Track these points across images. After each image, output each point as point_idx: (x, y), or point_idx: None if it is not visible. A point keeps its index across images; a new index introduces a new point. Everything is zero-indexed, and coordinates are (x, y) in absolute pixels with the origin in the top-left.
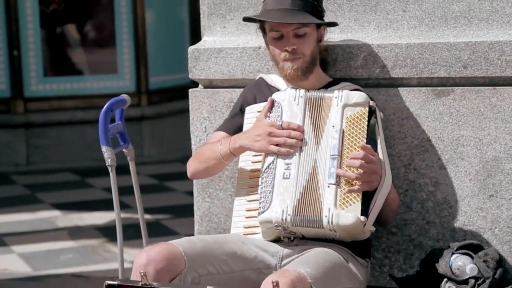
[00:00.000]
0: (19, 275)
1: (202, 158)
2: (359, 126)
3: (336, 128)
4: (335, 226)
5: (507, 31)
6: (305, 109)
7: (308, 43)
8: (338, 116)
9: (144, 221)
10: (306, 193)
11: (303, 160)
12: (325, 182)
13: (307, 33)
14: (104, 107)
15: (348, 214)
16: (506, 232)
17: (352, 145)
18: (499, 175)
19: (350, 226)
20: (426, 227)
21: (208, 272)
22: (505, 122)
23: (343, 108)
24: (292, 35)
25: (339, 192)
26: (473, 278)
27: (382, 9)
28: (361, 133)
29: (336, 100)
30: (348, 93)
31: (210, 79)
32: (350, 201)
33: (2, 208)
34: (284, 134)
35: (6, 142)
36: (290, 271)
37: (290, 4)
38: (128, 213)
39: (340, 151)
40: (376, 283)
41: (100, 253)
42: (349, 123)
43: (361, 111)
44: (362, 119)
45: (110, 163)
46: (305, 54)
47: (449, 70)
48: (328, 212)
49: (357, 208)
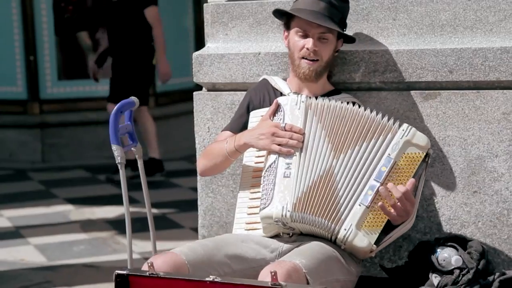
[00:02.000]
0: (35, 265)
1: (210, 156)
2: (411, 166)
3: (391, 157)
4: (348, 242)
5: (490, 38)
6: (306, 114)
7: (328, 49)
8: (397, 148)
9: (151, 215)
10: (312, 193)
11: (307, 161)
12: (355, 199)
13: (329, 39)
14: (114, 108)
15: (365, 238)
16: (489, 226)
17: (397, 179)
18: (482, 173)
19: (359, 248)
20: (414, 221)
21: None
22: (488, 123)
23: (406, 143)
24: (317, 37)
25: (368, 215)
26: (458, 268)
27: (373, 17)
28: (410, 173)
29: (402, 133)
30: (415, 132)
31: (213, 83)
32: (373, 228)
33: (19, 203)
34: (286, 135)
35: (23, 141)
36: (286, 262)
37: (323, 9)
38: (137, 207)
39: (383, 179)
40: (367, 273)
41: (110, 244)
42: (405, 159)
43: (419, 154)
44: (416, 161)
45: (120, 160)
46: (323, 58)
47: (436, 74)
48: (349, 227)
49: (374, 237)
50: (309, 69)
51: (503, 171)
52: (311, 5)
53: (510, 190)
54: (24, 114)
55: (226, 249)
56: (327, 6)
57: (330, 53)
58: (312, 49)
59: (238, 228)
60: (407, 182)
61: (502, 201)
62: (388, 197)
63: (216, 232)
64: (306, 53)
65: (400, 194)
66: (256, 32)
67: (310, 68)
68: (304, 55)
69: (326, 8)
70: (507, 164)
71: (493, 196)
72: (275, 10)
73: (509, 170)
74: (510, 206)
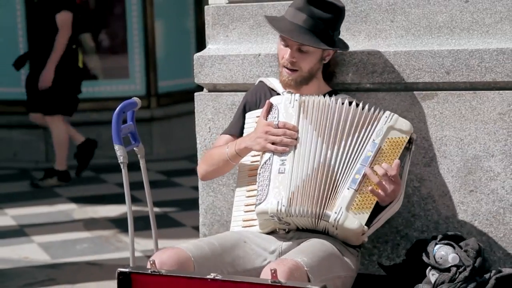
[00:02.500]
0: (39, 262)
1: (211, 161)
2: (395, 149)
3: (376, 142)
4: (339, 225)
5: (486, 40)
6: (299, 111)
7: (308, 60)
8: (381, 134)
9: (153, 214)
10: (306, 186)
11: (301, 157)
12: (345, 184)
13: (309, 51)
14: (117, 109)
15: (355, 219)
16: (485, 224)
17: (382, 163)
18: (478, 172)
19: (352, 231)
20: (412, 219)
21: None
22: (484, 124)
23: (389, 129)
24: (296, 49)
25: (356, 197)
26: (455, 266)
27: (371, 19)
28: (394, 156)
29: (385, 119)
30: (398, 118)
31: (214, 84)
32: (362, 209)
33: (23, 202)
34: (279, 132)
35: (26, 141)
36: (288, 260)
37: (302, 21)
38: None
39: (370, 164)
40: (365, 270)
41: (112, 243)
42: (389, 143)
43: (403, 138)
44: (400, 144)
45: (122, 160)
46: (302, 69)
47: (433, 75)
48: (339, 210)
49: (365, 217)
50: (288, 78)
51: (499, 170)
52: (292, 16)
53: (506, 189)
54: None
55: (230, 250)
56: (307, 18)
57: (312, 64)
58: (289, 60)
59: (235, 225)
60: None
61: (498, 200)
62: (373, 175)
63: (216, 230)
64: (285, 63)
65: (383, 171)
66: (256, 33)
67: (289, 77)
68: (284, 64)
69: (306, 21)
70: (503, 164)
71: (489, 195)
72: (266, 16)
73: (505, 170)
74: (506, 205)
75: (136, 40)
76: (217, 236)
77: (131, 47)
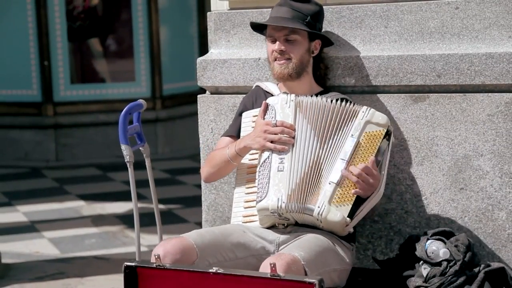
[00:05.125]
0: (49, 257)
1: (213, 163)
2: (373, 143)
3: (354, 137)
4: (322, 218)
5: (476, 45)
6: (296, 111)
7: (297, 49)
8: (359, 128)
9: (158, 210)
10: (304, 183)
11: (298, 155)
12: (328, 178)
13: (297, 40)
14: (123, 110)
15: (337, 212)
16: (474, 221)
17: (361, 157)
18: (468, 171)
19: (335, 223)
20: (405, 216)
21: (216, 260)
22: (474, 124)
23: (366, 123)
24: (283, 39)
25: (337, 191)
26: (446, 260)
27: (366, 25)
28: (372, 149)
29: (363, 114)
30: (374, 112)
31: (216, 86)
32: (343, 202)
33: (34, 199)
34: (277, 130)
35: (37, 141)
36: (285, 254)
37: (284, 12)
38: (144, 203)
39: (349, 158)
40: (360, 265)
41: (119, 238)
42: (366, 137)
43: (380, 131)
44: (378, 138)
45: (129, 159)
46: (292, 57)
47: (425, 78)
48: (322, 205)
49: (346, 209)
50: (281, 68)
51: (488, 169)
52: (275, 12)
53: (494, 187)
54: (39, 116)
55: (231, 237)
56: (288, 9)
57: (302, 52)
58: (278, 50)
59: (235, 221)
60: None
61: (487, 197)
62: (350, 176)
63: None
64: (275, 55)
65: (359, 171)
66: (256, 39)
67: (281, 67)
68: (275, 57)
69: (287, 11)
70: (492, 163)
71: (479, 193)
72: (251, 24)
73: (493, 168)
74: (494, 202)
75: (141, 45)
76: (218, 227)
77: (137, 51)
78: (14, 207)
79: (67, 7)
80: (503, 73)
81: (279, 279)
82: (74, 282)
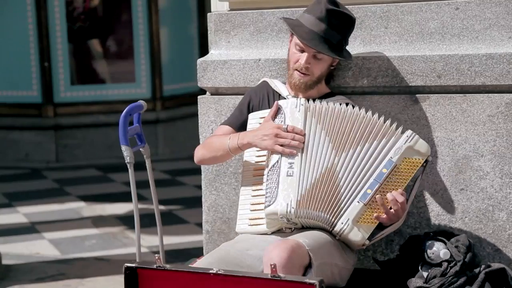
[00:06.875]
0: (50, 258)
1: (211, 148)
2: (410, 170)
3: (393, 160)
4: (343, 235)
5: (476, 45)
6: (306, 115)
7: (321, 67)
8: (400, 152)
9: (158, 211)
10: (315, 189)
11: (310, 160)
12: (353, 194)
13: (323, 58)
14: (124, 111)
15: (359, 233)
16: (475, 221)
17: (395, 182)
18: (468, 172)
19: (354, 242)
20: (406, 216)
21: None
22: (474, 125)
23: (408, 149)
24: (312, 55)
25: (364, 211)
26: (446, 261)
27: (366, 26)
28: (408, 176)
29: (406, 139)
30: (418, 139)
31: (216, 87)
32: (367, 223)
33: (34, 200)
34: (289, 136)
35: (38, 142)
36: (289, 239)
37: (322, 31)
38: (145, 204)
39: (383, 181)
40: (361, 265)
41: (120, 239)
42: (405, 163)
43: (419, 159)
44: (416, 166)
45: (129, 160)
46: (314, 74)
47: (425, 79)
48: (346, 221)
49: (368, 232)
50: (299, 81)
51: (488, 170)
52: (312, 23)
53: (494, 188)
54: (39, 117)
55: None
56: (327, 28)
57: (323, 69)
58: (304, 66)
59: (241, 223)
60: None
61: (488, 198)
62: (383, 205)
63: (219, 227)
64: (299, 67)
65: (395, 202)
66: (256, 39)
67: (300, 80)
68: (297, 67)
69: (325, 30)
70: (492, 163)
71: (479, 193)
72: (284, 18)
73: (493, 169)
74: (495, 202)
75: (142, 46)
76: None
77: (137, 52)
78: (15, 208)
79: (67, 8)
80: (503, 74)
81: (279, 279)
82: (74, 283)
